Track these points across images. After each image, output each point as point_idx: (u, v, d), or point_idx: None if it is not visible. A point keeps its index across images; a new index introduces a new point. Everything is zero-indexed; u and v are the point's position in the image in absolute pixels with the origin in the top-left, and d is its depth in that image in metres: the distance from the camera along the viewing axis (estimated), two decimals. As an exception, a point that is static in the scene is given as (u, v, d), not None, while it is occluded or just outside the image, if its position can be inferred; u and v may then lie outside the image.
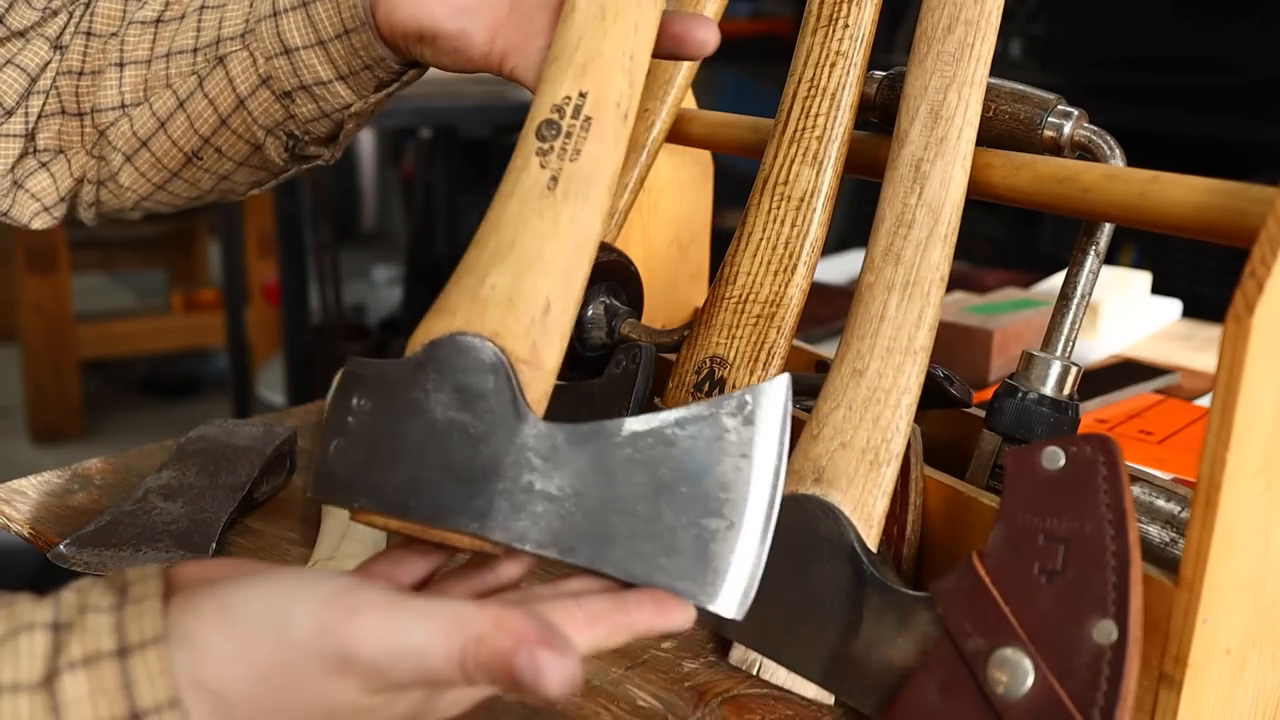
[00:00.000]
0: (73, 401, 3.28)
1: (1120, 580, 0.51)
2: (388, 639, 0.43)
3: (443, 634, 0.43)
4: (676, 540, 0.51)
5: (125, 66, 0.76)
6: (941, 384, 0.72)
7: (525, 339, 0.54)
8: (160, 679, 0.42)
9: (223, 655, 0.43)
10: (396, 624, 0.43)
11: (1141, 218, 0.59)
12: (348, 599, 0.44)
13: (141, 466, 0.87)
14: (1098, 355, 1.26)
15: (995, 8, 0.64)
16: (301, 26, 0.71)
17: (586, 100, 0.58)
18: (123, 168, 0.78)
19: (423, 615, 0.44)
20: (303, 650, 0.43)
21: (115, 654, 0.42)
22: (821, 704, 0.62)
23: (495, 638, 0.43)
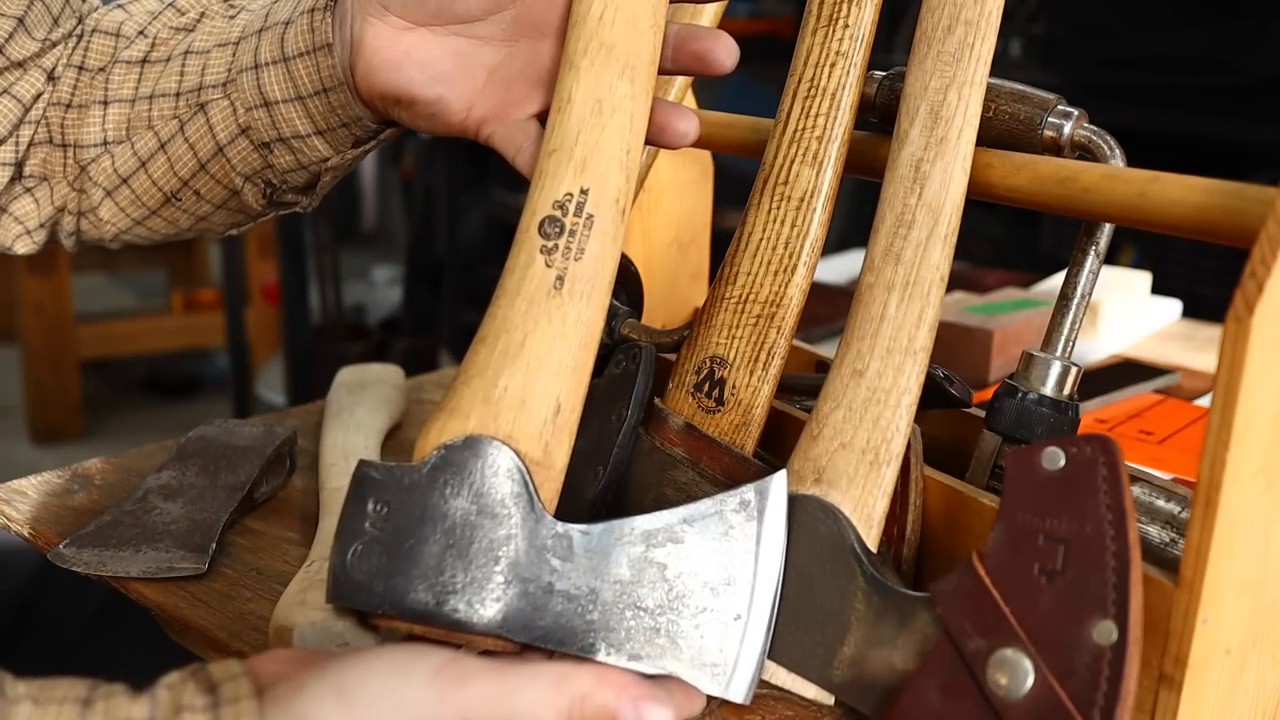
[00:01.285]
0: (73, 401, 3.28)
1: (1120, 580, 0.51)
2: (501, 702, 0.46)
3: (550, 693, 0.47)
4: (687, 634, 0.53)
5: (109, 105, 0.77)
6: (941, 384, 0.72)
7: (538, 441, 0.55)
8: None
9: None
10: (508, 688, 0.47)
11: (1141, 218, 0.59)
12: (457, 669, 0.47)
13: (141, 466, 0.87)
14: (1098, 355, 1.26)
15: (995, 8, 0.64)
16: (281, 81, 0.72)
17: (588, 197, 0.58)
18: (103, 202, 0.78)
19: (532, 678, 0.47)
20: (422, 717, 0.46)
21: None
22: (821, 704, 0.62)
23: (599, 693, 0.47)
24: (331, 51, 0.70)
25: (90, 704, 0.45)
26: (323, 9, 0.70)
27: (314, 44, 0.71)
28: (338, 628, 0.60)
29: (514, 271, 0.58)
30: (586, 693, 0.47)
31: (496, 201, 3.15)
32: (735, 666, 0.53)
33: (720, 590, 0.54)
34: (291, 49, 0.71)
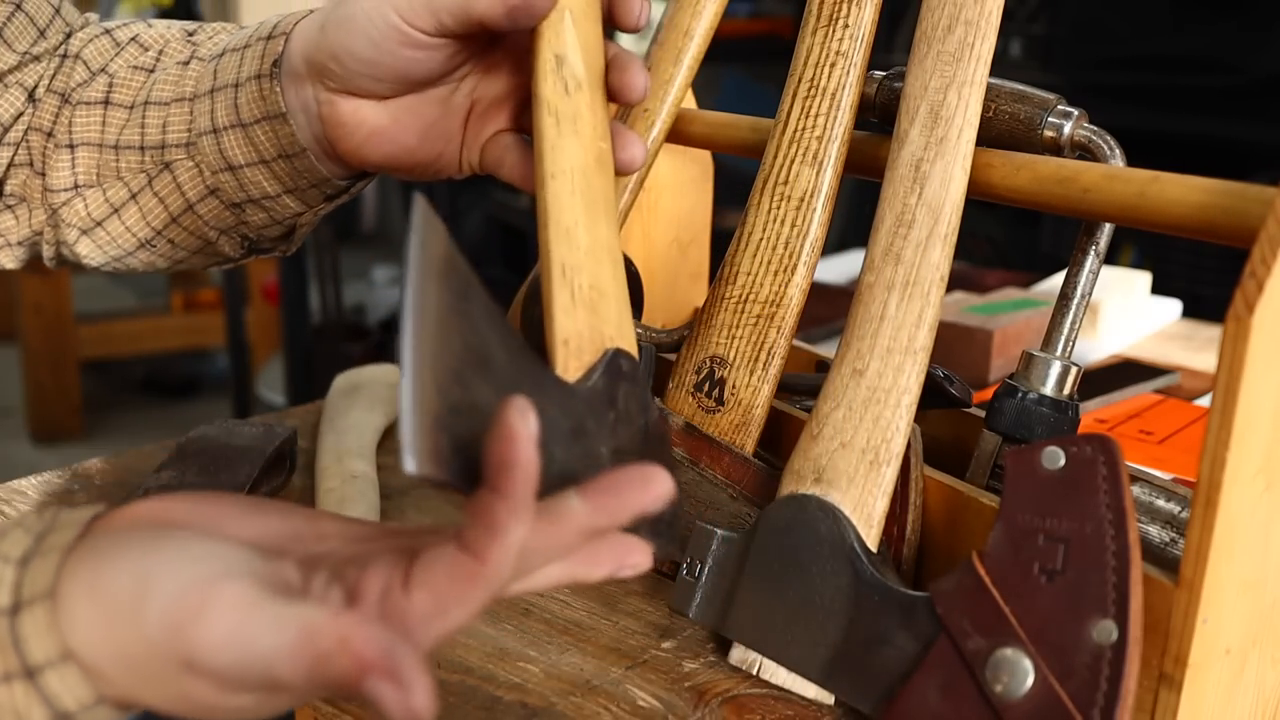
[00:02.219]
0: (73, 401, 3.28)
1: (1120, 580, 0.51)
2: (233, 647, 0.41)
3: (289, 647, 0.41)
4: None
5: (76, 148, 0.75)
6: (941, 384, 0.72)
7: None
8: (49, 635, 0.42)
9: (91, 629, 0.43)
10: (245, 631, 0.41)
11: (1141, 218, 0.59)
12: (202, 596, 0.42)
13: (141, 466, 0.87)
14: (1098, 355, 1.26)
15: (995, 8, 0.64)
16: (242, 145, 0.70)
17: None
18: (79, 240, 0.77)
19: (274, 625, 0.41)
20: (154, 646, 0.42)
21: (8, 611, 0.43)
22: (821, 704, 0.62)
23: (340, 660, 0.40)
24: (287, 120, 0.68)
25: None
26: (269, 76, 0.68)
27: (267, 112, 0.69)
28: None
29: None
30: (328, 655, 0.40)
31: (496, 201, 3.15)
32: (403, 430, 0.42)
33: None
34: (247, 115, 0.69)
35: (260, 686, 0.42)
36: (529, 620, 0.69)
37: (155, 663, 0.42)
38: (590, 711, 0.61)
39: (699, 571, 0.67)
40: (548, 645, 0.67)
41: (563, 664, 0.65)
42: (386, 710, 0.39)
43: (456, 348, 0.44)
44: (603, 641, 0.67)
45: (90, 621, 0.43)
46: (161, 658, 0.42)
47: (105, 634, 0.43)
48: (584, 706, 0.61)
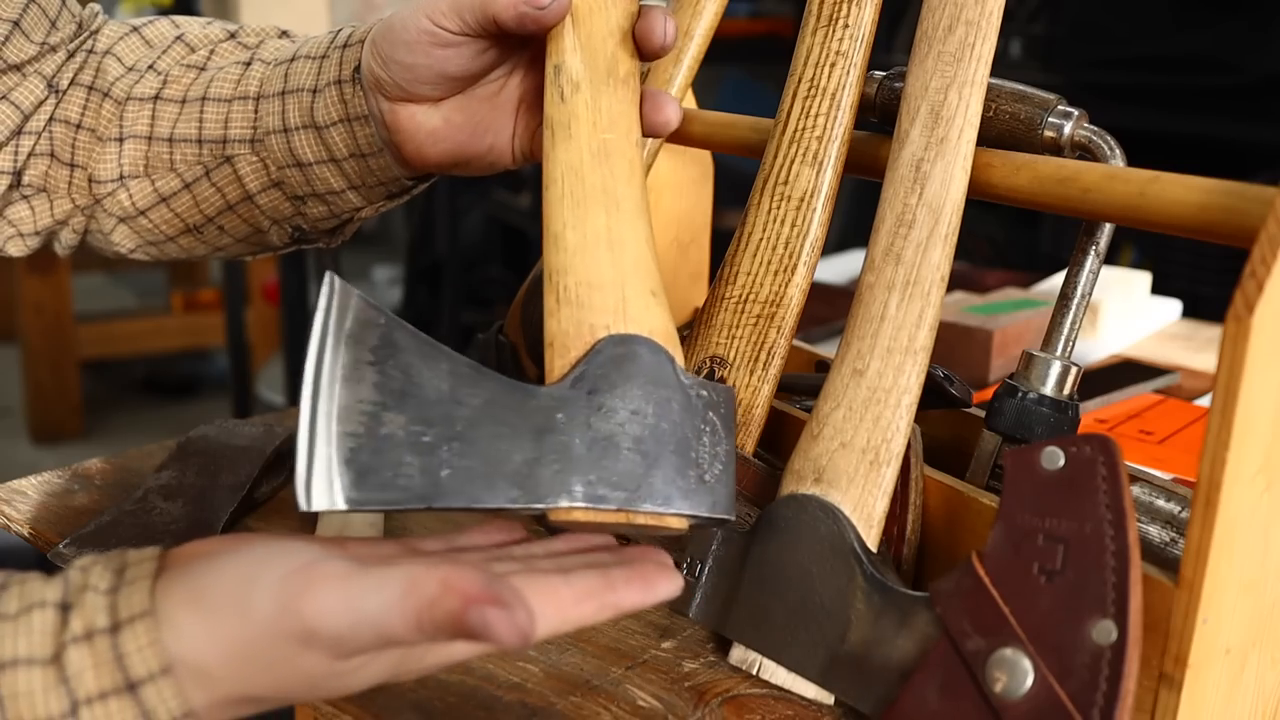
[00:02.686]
0: (73, 401, 3.28)
1: (1120, 580, 0.51)
2: (345, 611, 0.45)
3: (398, 600, 0.44)
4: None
5: (125, 140, 0.77)
6: (941, 384, 0.72)
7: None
8: (149, 650, 0.45)
9: (196, 635, 0.46)
10: (353, 595, 0.45)
11: (1141, 218, 0.59)
12: (306, 575, 0.46)
13: (141, 466, 0.87)
14: (1098, 355, 1.26)
15: (996, 8, 0.64)
16: (314, 145, 0.73)
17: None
18: (116, 228, 0.78)
19: (379, 584, 0.45)
20: (266, 629, 0.45)
21: (108, 630, 0.45)
22: (821, 704, 0.62)
23: (446, 600, 0.44)
24: (368, 122, 0.72)
25: (6, 588, 0.47)
26: (350, 81, 0.71)
27: (348, 114, 0.72)
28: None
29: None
30: (434, 599, 0.44)
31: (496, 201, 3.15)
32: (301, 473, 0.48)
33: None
34: (323, 118, 0.72)
35: (372, 644, 0.45)
36: (529, 620, 0.69)
37: (268, 646, 0.45)
38: (590, 711, 0.61)
39: (699, 571, 0.67)
40: (548, 645, 0.67)
41: (563, 664, 0.65)
42: (496, 636, 0.43)
43: (365, 395, 0.49)
44: (603, 641, 0.67)
45: (195, 627, 0.46)
46: (275, 639, 0.45)
47: (212, 634, 0.45)
48: (584, 706, 0.61)
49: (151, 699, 0.45)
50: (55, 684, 0.45)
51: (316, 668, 0.46)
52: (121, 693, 0.45)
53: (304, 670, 0.46)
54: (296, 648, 0.46)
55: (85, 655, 0.45)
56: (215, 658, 0.46)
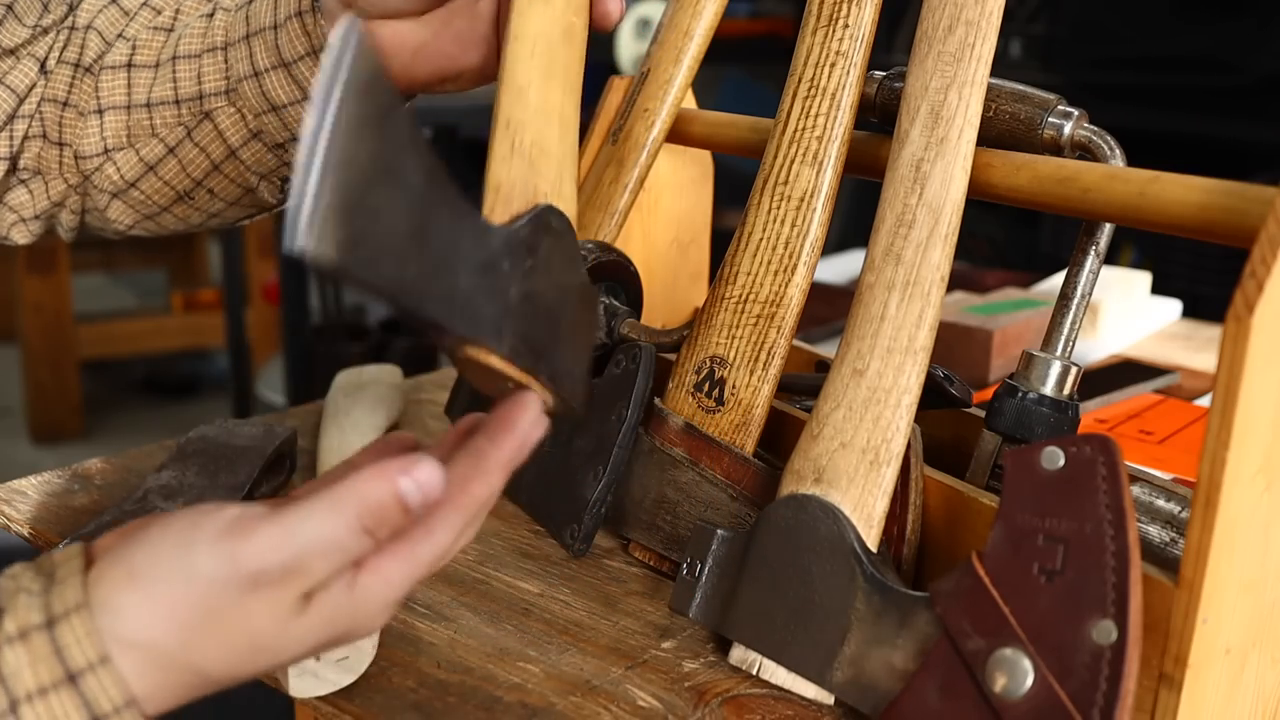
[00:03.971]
0: (73, 401, 3.28)
1: (1120, 580, 0.51)
2: (289, 539, 0.46)
3: (331, 516, 0.46)
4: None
5: (104, 113, 0.76)
6: (941, 384, 0.72)
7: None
8: (87, 640, 0.45)
9: (140, 612, 0.46)
10: (290, 527, 0.46)
11: (1141, 218, 0.59)
12: (240, 524, 0.47)
13: (141, 466, 0.87)
14: (1098, 355, 1.26)
15: (996, 8, 0.64)
16: (286, 84, 0.72)
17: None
18: (110, 203, 0.78)
19: (309, 511, 0.47)
20: (211, 584, 0.46)
21: (44, 626, 0.46)
22: (821, 704, 0.62)
23: (372, 489, 0.47)
24: None
25: None
26: (310, 12, 0.70)
27: (312, 47, 0.71)
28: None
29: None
30: (362, 496, 0.47)
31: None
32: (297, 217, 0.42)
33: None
34: (289, 53, 0.71)
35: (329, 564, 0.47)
36: (529, 620, 0.69)
37: (215, 601, 0.46)
38: (590, 711, 0.61)
39: (699, 571, 0.67)
40: (548, 645, 0.67)
41: (563, 664, 0.65)
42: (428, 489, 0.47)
43: (364, 157, 0.44)
44: (603, 641, 0.67)
45: (137, 604, 0.46)
46: (222, 591, 0.46)
47: (156, 605, 0.46)
48: (584, 706, 0.61)
49: (93, 688, 0.45)
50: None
51: (264, 621, 0.47)
52: (61, 685, 0.45)
53: (252, 625, 0.47)
54: (244, 597, 0.46)
55: (21, 653, 0.45)
56: (162, 628, 0.46)
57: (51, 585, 0.47)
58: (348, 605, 0.48)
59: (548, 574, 0.75)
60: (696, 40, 0.83)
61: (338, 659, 0.61)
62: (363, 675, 0.62)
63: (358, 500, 0.47)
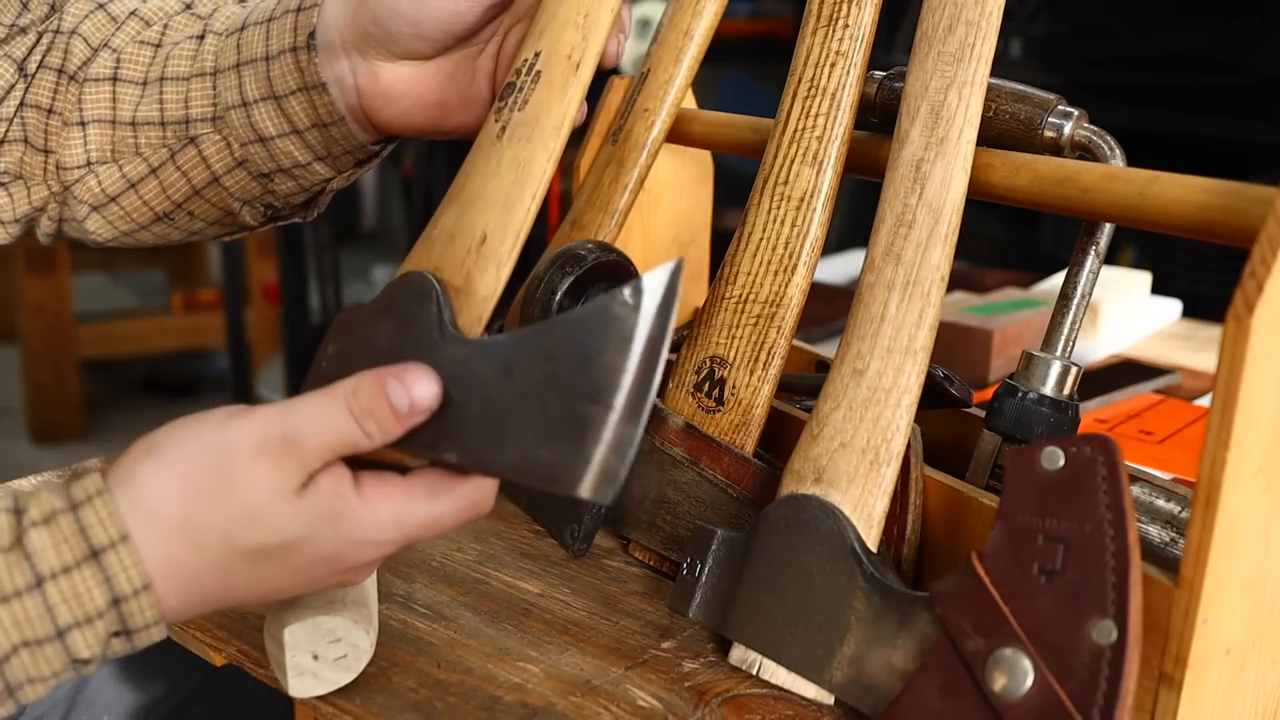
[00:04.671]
0: (73, 401, 3.28)
1: (1120, 580, 0.51)
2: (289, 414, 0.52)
3: (324, 399, 0.52)
4: (557, 430, 0.51)
5: (87, 125, 0.75)
6: (941, 384, 0.72)
7: (460, 269, 0.59)
8: (109, 520, 0.50)
9: (155, 479, 0.51)
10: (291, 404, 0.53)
11: (1141, 218, 0.59)
12: (247, 409, 0.53)
13: (141, 466, 0.87)
14: (1098, 355, 1.26)
15: (996, 8, 0.64)
16: (274, 117, 0.72)
17: (540, 58, 0.62)
18: (89, 216, 0.77)
19: (309, 395, 0.53)
20: (221, 449, 0.51)
21: (68, 509, 0.50)
22: (821, 704, 0.62)
23: (366, 383, 0.52)
24: (327, 90, 0.70)
25: None
26: (305, 48, 0.69)
27: (304, 83, 0.70)
28: (329, 624, 0.60)
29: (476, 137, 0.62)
30: (356, 387, 0.52)
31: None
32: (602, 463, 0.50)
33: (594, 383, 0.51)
34: (281, 87, 0.71)
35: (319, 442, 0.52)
36: (529, 620, 0.69)
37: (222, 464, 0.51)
38: (590, 711, 0.61)
39: (699, 571, 0.67)
40: (548, 645, 0.67)
41: (563, 664, 0.65)
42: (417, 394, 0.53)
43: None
44: (603, 641, 0.67)
45: (153, 471, 0.51)
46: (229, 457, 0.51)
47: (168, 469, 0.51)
48: (584, 706, 0.61)
49: (113, 565, 0.49)
50: (17, 562, 0.48)
51: (263, 491, 0.51)
52: (84, 562, 0.49)
53: (253, 494, 0.51)
54: (248, 461, 0.51)
55: (44, 535, 0.49)
56: (174, 494, 0.51)
57: (71, 481, 0.51)
58: (336, 510, 0.52)
59: (548, 574, 0.75)
60: (696, 40, 0.83)
61: (336, 658, 0.61)
62: (363, 675, 0.62)
63: (350, 388, 0.52)
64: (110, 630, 0.50)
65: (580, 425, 0.51)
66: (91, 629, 0.49)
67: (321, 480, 0.52)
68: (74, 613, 0.49)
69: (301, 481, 0.52)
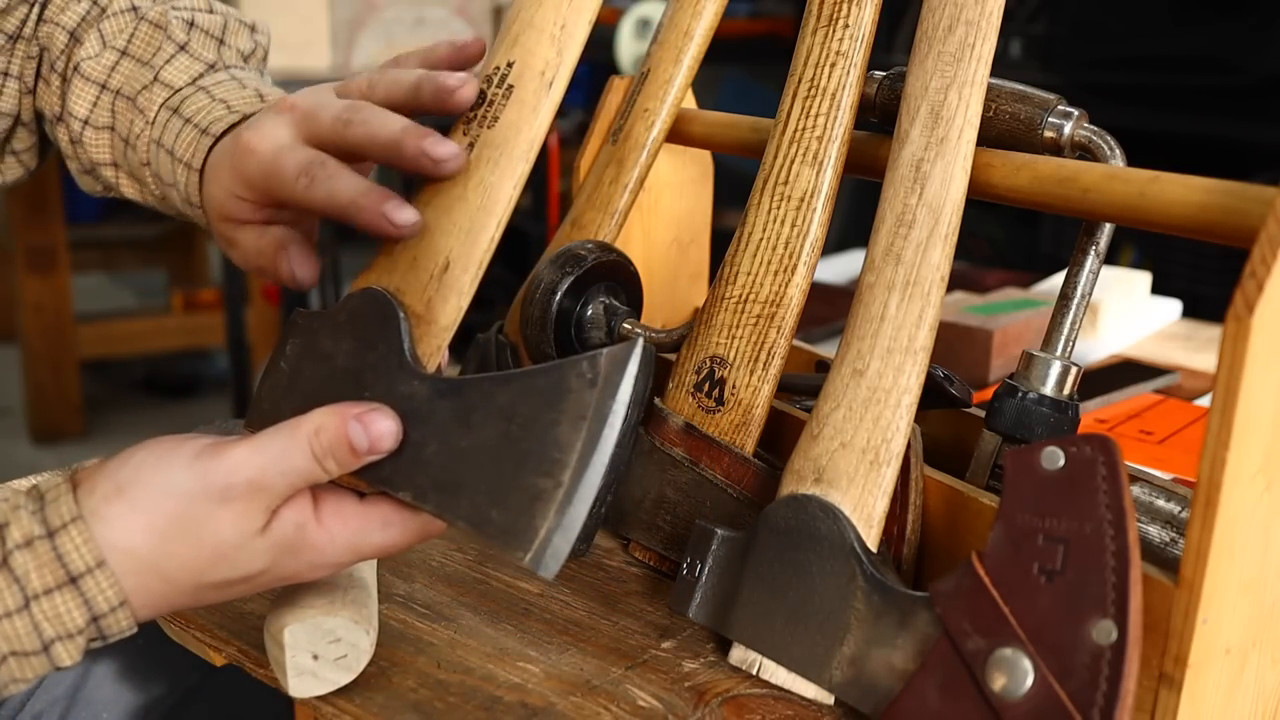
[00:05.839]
0: (73, 401, 3.28)
1: (1120, 580, 0.51)
2: (252, 459, 0.54)
3: (287, 439, 0.54)
4: (509, 496, 0.52)
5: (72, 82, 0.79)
6: (941, 384, 0.72)
7: (422, 295, 0.58)
8: (85, 547, 0.52)
9: (124, 519, 0.53)
10: (256, 446, 0.54)
11: (1141, 218, 0.59)
12: (214, 448, 0.54)
13: (141, 466, 0.87)
14: (1098, 355, 1.26)
15: (996, 8, 0.64)
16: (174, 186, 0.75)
17: (513, 70, 0.60)
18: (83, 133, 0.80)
19: (274, 433, 0.55)
20: (190, 496, 0.53)
21: (45, 536, 0.52)
22: (821, 704, 0.62)
23: (328, 422, 0.54)
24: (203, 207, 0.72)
25: None
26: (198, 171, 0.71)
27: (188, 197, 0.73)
28: (329, 624, 0.60)
29: None
30: (319, 426, 0.54)
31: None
32: (541, 537, 0.51)
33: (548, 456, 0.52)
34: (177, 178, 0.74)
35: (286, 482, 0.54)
36: (529, 620, 0.69)
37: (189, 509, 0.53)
38: (590, 711, 0.61)
39: (699, 571, 0.67)
40: (548, 645, 0.67)
41: (563, 664, 0.65)
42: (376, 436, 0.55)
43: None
44: (603, 641, 0.67)
45: (123, 513, 0.53)
46: (195, 501, 0.53)
47: (137, 512, 0.53)
48: (584, 706, 0.61)
49: (91, 589, 0.52)
50: (7, 585, 0.52)
51: (229, 532, 0.54)
52: (64, 586, 0.52)
53: (219, 536, 0.54)
54: (214, 507, 0.53)
55: (28, 558, 0.52)
56: (142, 536, 0.53)
57: (44, 504, 0.53)
58: (297, 542, 0.55)
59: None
60: (696, 40, 0.83)
61: (335, 658, 0.61)
62: (362, 675, 0.62)
63: (312, 428, 0.54)
64: (89, 639, 0.54)
65: (531, 496, 0.51)
66: (73, 642, 0.53)
67: (284, 513, 0.55)
68: (56, 629, 0.53)
69: (265, 521, 0.55)
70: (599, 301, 0.80)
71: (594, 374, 0.51)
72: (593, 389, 0.51)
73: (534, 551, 0.51)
